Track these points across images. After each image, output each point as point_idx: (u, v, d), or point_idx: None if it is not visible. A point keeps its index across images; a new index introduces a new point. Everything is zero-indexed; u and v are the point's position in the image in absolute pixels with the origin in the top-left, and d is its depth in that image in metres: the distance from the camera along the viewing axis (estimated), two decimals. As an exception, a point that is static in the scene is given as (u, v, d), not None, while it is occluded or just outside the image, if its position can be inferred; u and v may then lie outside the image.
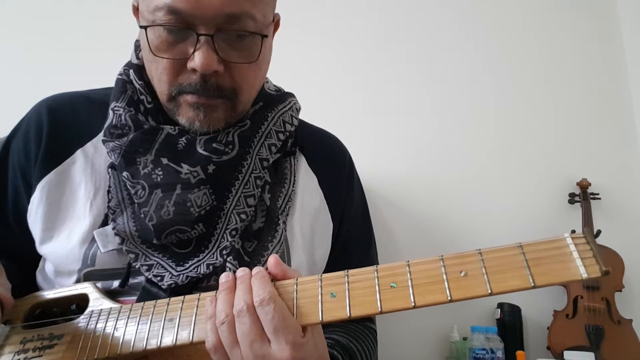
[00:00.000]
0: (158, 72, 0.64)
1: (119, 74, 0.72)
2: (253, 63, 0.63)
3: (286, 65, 1.43)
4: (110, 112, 0.69)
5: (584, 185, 1.45)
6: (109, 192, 0.67)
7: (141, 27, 0.61)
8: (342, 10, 1.65)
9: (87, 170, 0.69)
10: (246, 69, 0.63)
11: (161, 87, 0.65)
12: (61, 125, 0.71)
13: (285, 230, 0.70)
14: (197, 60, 0.59)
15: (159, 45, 0.61)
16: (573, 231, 1.32)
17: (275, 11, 0.71)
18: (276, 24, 0.73)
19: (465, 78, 1.59)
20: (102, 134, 0.69)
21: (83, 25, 1.60)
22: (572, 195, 1.47)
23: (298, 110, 0.79)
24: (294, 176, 0.74)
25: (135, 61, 0.71)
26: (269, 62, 0.71)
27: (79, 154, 0.70)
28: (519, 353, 1.21)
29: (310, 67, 1.60)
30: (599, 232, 1.37)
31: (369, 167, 1.42)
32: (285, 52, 1.48)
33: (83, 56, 1.56)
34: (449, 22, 1.64)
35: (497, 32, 1.63)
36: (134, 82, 0.70)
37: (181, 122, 0.65)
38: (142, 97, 0.69)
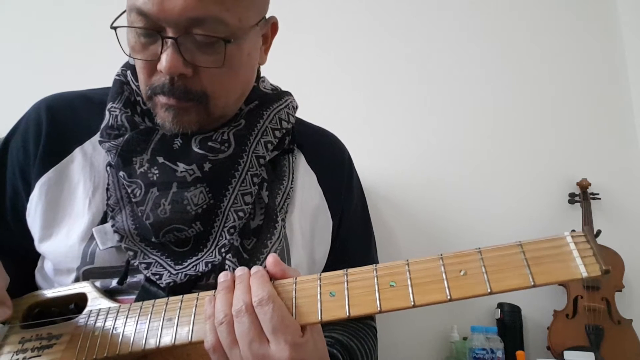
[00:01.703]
0: (138, 72, 0.65)
1: (117, 75, 0.73)
2: (225, 67, 0.61)
3: (285, 65, 1.43)
4: (107, 113, 0.69)
5: (584, 185, 1.45)
6: (107, 190, 0.67)
7: (112, 27, 0.61)
8: (341, 9, 1.65)
9: (86, 168, 0.69)
10: (217, 73, 0.62)
11: (141, 86, 0.66)
12: (60, 123, 0.71)
13: (285, 228, 0.70)
14: (162, 62, 0.59)
15: (134, 46, 0.62)
16: (573, 231, 1.31)
17: (271, 13, 0.70)
18: (273, 28, 0.72)
19: (465, 77, 1.59)
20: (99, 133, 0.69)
21: (83, 26, 1.60)
22: (572, 195, 1.47)
23: (295, 108, 0.78)
24: (293, 174, 0.74)
25: (132, 62, 0.71)
26: (254, 67, 0.69)
27: (77, 152, 0.70)
28: (519, 353, 1.20)
29: (310, 66, 1.60)
30: (599, 232, 1.37)
31: (369, 166, 1.42)
32: (284, 52, 1.48)
33: (83, 56, 1.56)
34: (449, 21, 1.64)
35: (497, 32, 1.63)
36: (131, 83, 0.71)
37: (157, 122, 0.66)
38: (139, 98, 0.69)
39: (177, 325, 0.52)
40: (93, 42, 1.56)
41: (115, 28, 0.61)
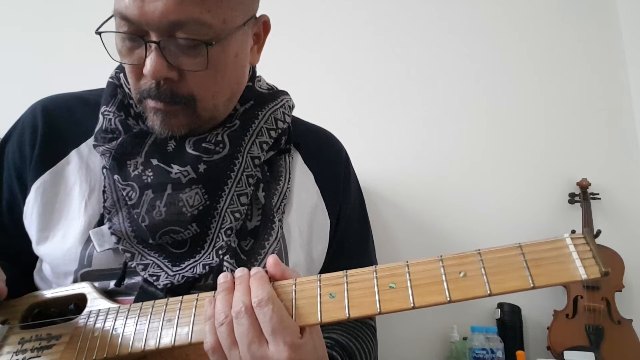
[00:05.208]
0: (127, 76, 0.65)
1: (110, 77, 0.73)
2: (210, 70, 0.61)
3: (283, 65, 1.43)
4: (101, 116, 0.69)
5: (584, 185, 1.45)
6: (104, 192, 0.66)
7: (96, 32, 0.61)
8: (339, 9, 1.65)
9: (82, 170, 0.69)
10: (203, 76, 0.61)
11: (131, 90, 0.66)
12: (56, 126, 0.71)
13: (282, 228, 0.70)
14: (147, 66, 0.59)
15: (120, 50, 0.62)
16: (573, 231, 1.32)
17: (263, 12, 0.70)
18: (265, 26, 0.71)
19: (466, 77, 1.59)
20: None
21: (83, 25, 1.60)
22: (572, 195, 1.47)
23: (291, 107, 0.78)
24: (289, 173, 0.74)
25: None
26: (243, 67, 0.69)
27: (73, 154, 0.70)
28: (519, 353, 1.21)
29: (309, 66, 1.60)
30: (599, 232, 1.37)
31: (369, 167, 1.42)
32: (281, 51, 1.48)
33: (82, 55, 1.56)
34: (449, 20, 1.63)
35: (497, 31, 1.63)
36: (124, 86, 0.70)
37: (148, 124, 0.65)
38: (132, 100, 0.69)
39: (176, 326, 0.52)
40: (92, 42, 1.56)
41: (100, 33, 0.61)
